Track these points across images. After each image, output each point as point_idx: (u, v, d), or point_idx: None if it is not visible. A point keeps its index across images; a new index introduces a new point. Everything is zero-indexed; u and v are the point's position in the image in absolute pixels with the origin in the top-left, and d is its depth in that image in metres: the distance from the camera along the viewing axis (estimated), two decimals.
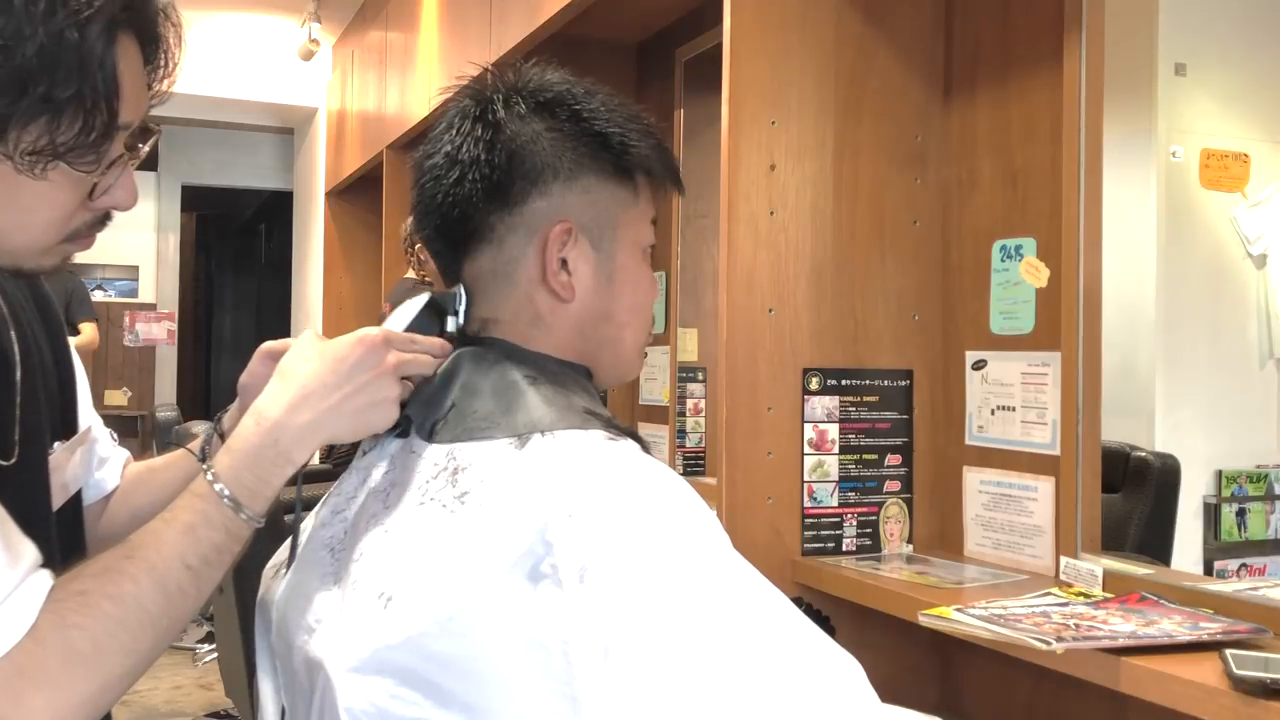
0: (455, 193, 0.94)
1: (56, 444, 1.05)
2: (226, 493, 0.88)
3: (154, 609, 0.84)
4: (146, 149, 0.92)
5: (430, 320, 0.99)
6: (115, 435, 1.23)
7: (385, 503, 0.91)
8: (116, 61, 0.83)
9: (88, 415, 1.16)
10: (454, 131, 0.96)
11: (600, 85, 0.99)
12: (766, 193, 1.76)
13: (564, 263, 0.94)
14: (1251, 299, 2.11)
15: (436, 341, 0.97)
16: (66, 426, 1.10)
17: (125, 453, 1.23)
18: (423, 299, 1.00)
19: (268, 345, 1.04)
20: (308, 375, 0.90)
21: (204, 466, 0.90)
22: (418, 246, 3.79)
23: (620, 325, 0.99)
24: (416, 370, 0.94)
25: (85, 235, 0.92)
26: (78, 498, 1.13)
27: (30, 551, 0.83)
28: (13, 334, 1.00)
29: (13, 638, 0.79)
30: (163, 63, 0.90)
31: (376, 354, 0.91)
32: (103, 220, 0.93)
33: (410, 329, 0.98)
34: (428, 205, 0.97)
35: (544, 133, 0.95)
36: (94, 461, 1.17)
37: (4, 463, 0.96)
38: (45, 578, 0.83)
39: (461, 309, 0.97)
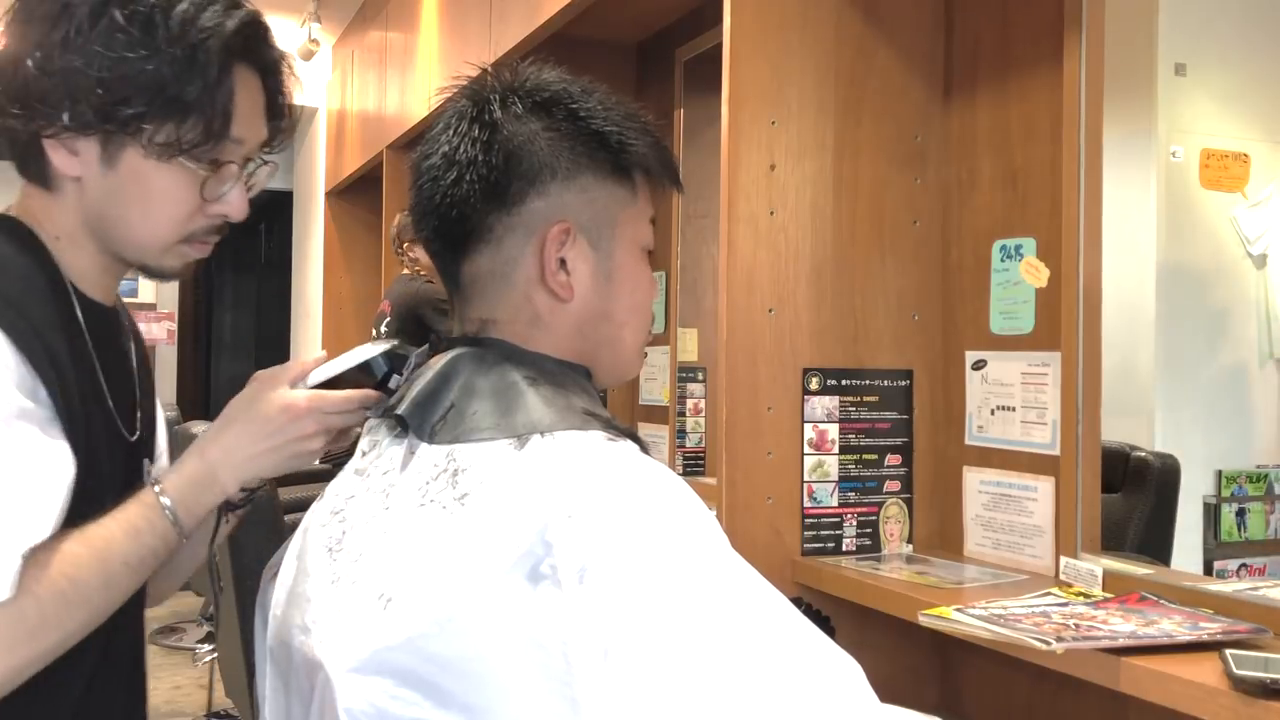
0: (453, 194, 0.94)
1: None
2: (169, 505, 1.02)
3: (94, 596, 0.96)
4: (260, 177, 1.13)
5: (384, 363, 1.05)
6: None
7: (384, 504, 0.91)
8: (234, 80, 1.04)
9: (161, 432, 1.28)
10: (451, 132, 0.96)
11: (598, 84, 0.99)
12: (766, 193, 1.76)
13: (562, 263, 0.94)
14: (1251, 299, 2.11)
15: (374, 396, 1.05)
16: (151, 424, 1.23)
17: None
18: (382, 346, 1.06)
19: (260, 374, 1.13)
20: (248, 423, 1.05)
21: (152, 481, 1.04)
22: (405, 245, 3.88)
23: (619, 325, 0.99)
24: (341, 427, 1.06)
25: (201, 240, 1.11)
26: None
27: (51, 524, 0.95)
28: (131, 343, 1.20)
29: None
30: (281, 103, 1.12)
31: (297, 425, 1.04)
32: (219, 229, 1.12)
33: (354, 369, 1.05)
34: (425, 206, 0.97)
35: (541, 132, 0.94)
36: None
37: (130, 438, 1.13)
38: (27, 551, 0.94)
39: (407, 372, 1.03)
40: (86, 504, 0.99)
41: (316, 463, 1.12)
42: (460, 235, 0.95)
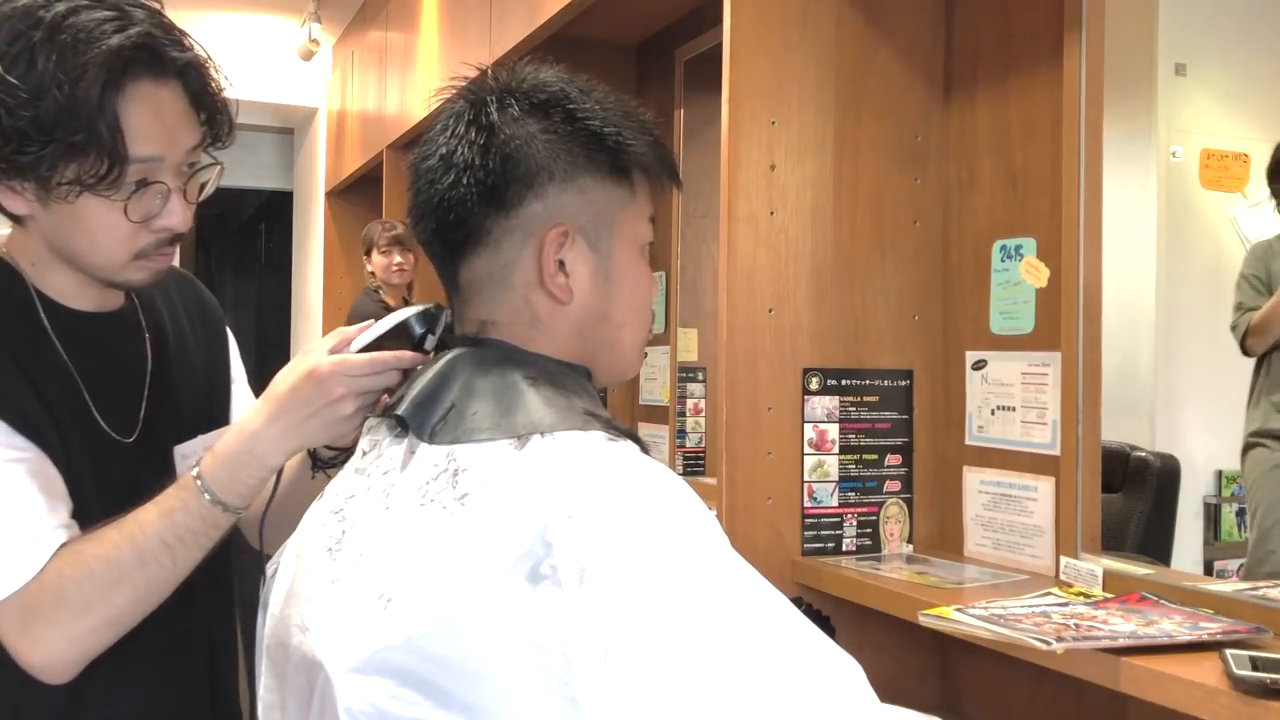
0: (450, 196, 0.94)
1: (200, 436, 1.25)
2: (202, 484, 1.08)
3: (132, 571, 1.05)
4: (204, 182, 1.17)
5: (418, 324, 1.05)
6: None
7: (385, 504, 0.91)
8: (118, 107, 1.04)
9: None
10: (448, 134, 0.95)
11: (596, 82, 0.99)
12: (766, 193, 1.76)
13: (561, 265, 0.94)
14: None
15: (407, 356, 1.05)
16: (212, 424, 1.29)
17: None
18: (417, 308, 1.06)
19: (308, 345, 1.17)
20: (278, 397, 1.07)
21: (193, 465, 1.09)
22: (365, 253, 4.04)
23: (619, 325, 0.98)
24: (372, 389, 1.06)
25: (154, 254, 1.14)
26: None
27: (63, 514, 1.08)
28: (147, 339, 1.26)
29: (27, 575, 1.03)
30: (210, 101, 1.14)
31: (322, 391, 1.05)
32: (171, 240, 1.15)
33: (387, 334, 1.06)
34: (423, 209, 0.97)
35: (539, 134, 0.94)
36: None
37: (125, 440, 1.19)
38: (62, 535, 1.07)
39: (440, 330, 1.04)
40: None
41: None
42: (458, 238, 0.95)
